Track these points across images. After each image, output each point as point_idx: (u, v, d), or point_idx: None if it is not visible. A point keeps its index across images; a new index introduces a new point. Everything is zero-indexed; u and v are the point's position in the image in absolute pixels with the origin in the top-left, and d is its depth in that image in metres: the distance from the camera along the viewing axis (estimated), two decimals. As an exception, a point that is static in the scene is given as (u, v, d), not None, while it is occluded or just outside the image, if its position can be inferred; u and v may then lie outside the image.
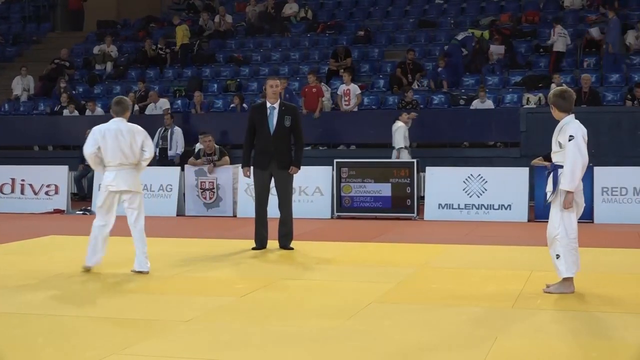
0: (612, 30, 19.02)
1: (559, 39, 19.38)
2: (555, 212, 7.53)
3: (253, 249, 10.38)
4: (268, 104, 10.38)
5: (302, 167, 10.51)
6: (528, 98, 17.87)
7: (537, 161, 14.40)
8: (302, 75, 20.55)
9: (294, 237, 10.54)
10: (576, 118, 7.57)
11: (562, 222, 7.48)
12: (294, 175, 10.48)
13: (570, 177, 7.35)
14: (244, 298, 7.56)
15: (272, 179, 10.45)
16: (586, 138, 7.50)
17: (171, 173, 15.56)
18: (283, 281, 8.38)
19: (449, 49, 20.18)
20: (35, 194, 16.04)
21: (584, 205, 7.74)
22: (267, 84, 10.50)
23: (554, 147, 7.58)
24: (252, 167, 10.50)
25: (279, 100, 10.43)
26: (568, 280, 7.54)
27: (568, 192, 7.39)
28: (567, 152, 7.37)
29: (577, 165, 7.35)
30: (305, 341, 6.06)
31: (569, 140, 7.36)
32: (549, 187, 7.58)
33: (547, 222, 7.64)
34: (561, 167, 7.45)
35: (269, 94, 10.41)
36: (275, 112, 10.33)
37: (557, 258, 7.51)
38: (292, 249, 10.39)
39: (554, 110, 7.59)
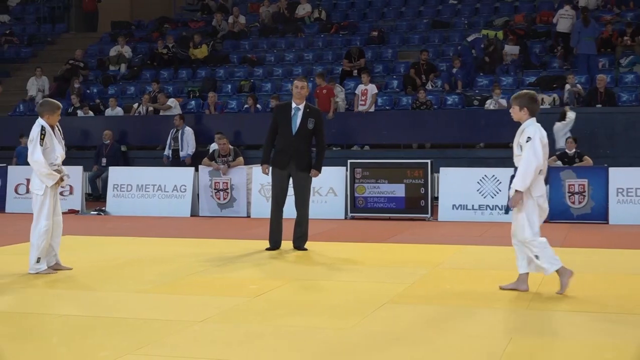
0: (575, 32, 19.21)
1: (561, 20, 19.68)
2: (522, 216, 7.65)
3: (267, 249, 10.39)
4: (293, 105, 10.39)
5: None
6: (542, 98, 17.77)
7: (551, 161, 14.37)
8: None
9: (308, 237, 10.54)
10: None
11: (528, 224, 7.62)
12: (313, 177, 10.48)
13: (522, 178, 7.52)
14: (258, 298, 7.56)
15: (290, 180, 10.45)
16: (545, 140, 7.66)
17: (185, 173, 15.59)
18: (297, 281, 8.37)
19: (461, 50, 20.16)
20: (50, 194, 16.07)
21: (548, 210, 7.91)
22: (293, 84, 10.54)
23: (516, 150, 7.78)
24: (270, 167, 10.49)
25: (304, 102, 10.43)
26: (524, 276, 7.72)
27: (517, 191, 7.56)
28: (523, 154, 7.56)
29: (531, 167, 7.49)
30: (319, 341, 6.06)
31: (527, 141, 7.58)
32: (512, 192, 7.70)
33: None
34: None
35: (295, 95, 10.41)
36: (300, 113, 10.35)
37: (537, 259, 7.59)
38: (306, 249, 10.39)
39: (522, 112, 7.83)
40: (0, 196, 16.40)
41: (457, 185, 14.19)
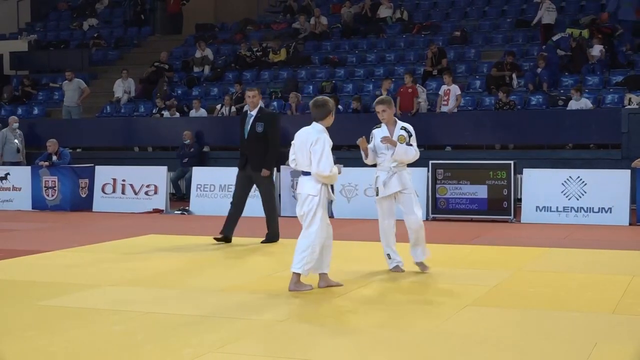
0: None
1: (547, 13, 20.55)
2: None
3: (215, 239, 11.36)
4: (248, 112, 11.39)
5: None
6: (630, 98, 17.38)
7: (639, 162, 14.02)
8: (398, 76, 20.47)
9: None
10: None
11: None
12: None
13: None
14: (340, 298, 7.58)
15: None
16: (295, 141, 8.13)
17: (267, 174, 15.69)
18: (378, 283, 8.36)
19: (546, 49, 19.84)
20: (136, 193, 16.42)
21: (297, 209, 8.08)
22: (245, 94, 11.68)
23: None
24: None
25: (257, 108, 11.33)
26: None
27: None
28: None
29: None
30: (400, 343, 6.04)
31: None
32: None
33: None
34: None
35: (248, 103, 11.44)
36: (252, 119, 11.32)
37: None
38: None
39: None
40: (87, 196, 16.81)
41: (541, 187, 13.97)
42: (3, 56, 25.96)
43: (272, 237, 11.46)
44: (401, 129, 8.72)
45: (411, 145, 8.73)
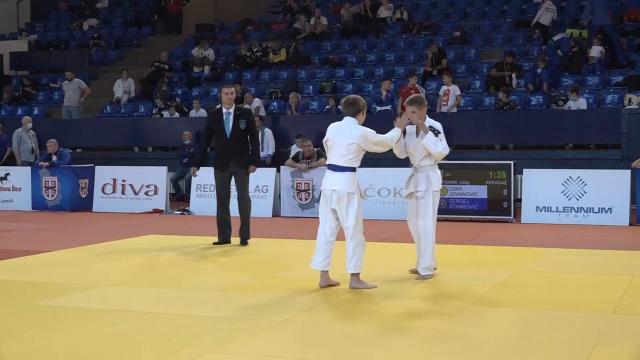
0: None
1: (546, 13, 20.73)
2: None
3: (214, 243, 11.18)
4: (224, 110, 11.24)
5: (397, 168, 10.54)
6: (630, 98, 17.38)
7: (639, 163, 14.02)
8: (398, 76, 20.48)
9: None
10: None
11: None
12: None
13: None
14: (340, 298, 7.58)
15: (233, 179, 11.34)
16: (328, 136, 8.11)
17: (267, 174, 15.69)
18: (378, 283, 8.34)
19: (546, 50, 19.85)
20: (136, 194, 16.42)
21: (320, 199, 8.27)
22: (222, 91, 11.38)
23: None
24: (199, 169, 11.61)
25: (233, 106, 11.30)
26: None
27: None
28: None
29: None
30: (400, 343, 6.04)
31: None
32: None
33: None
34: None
35: (224, 101, 11.27)
36: (231, 116, 11.24)
37: None
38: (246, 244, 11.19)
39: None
40: (87, 196, 16.82)
41: (541, 187, 13.97)
42: (3, 56, 25.98)
43: (246, 238, 11.29)
44: (429, 127, 8.77)
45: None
